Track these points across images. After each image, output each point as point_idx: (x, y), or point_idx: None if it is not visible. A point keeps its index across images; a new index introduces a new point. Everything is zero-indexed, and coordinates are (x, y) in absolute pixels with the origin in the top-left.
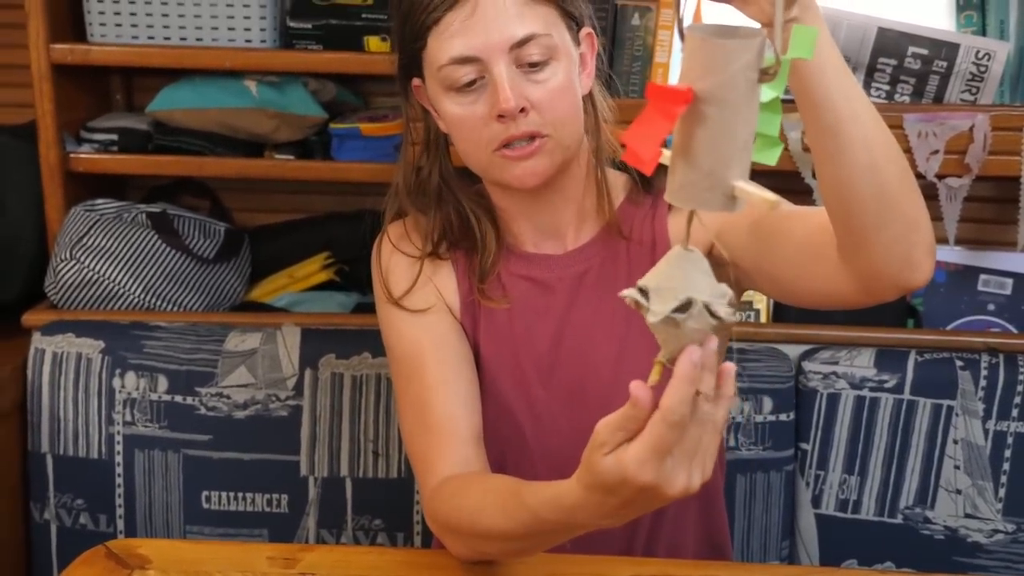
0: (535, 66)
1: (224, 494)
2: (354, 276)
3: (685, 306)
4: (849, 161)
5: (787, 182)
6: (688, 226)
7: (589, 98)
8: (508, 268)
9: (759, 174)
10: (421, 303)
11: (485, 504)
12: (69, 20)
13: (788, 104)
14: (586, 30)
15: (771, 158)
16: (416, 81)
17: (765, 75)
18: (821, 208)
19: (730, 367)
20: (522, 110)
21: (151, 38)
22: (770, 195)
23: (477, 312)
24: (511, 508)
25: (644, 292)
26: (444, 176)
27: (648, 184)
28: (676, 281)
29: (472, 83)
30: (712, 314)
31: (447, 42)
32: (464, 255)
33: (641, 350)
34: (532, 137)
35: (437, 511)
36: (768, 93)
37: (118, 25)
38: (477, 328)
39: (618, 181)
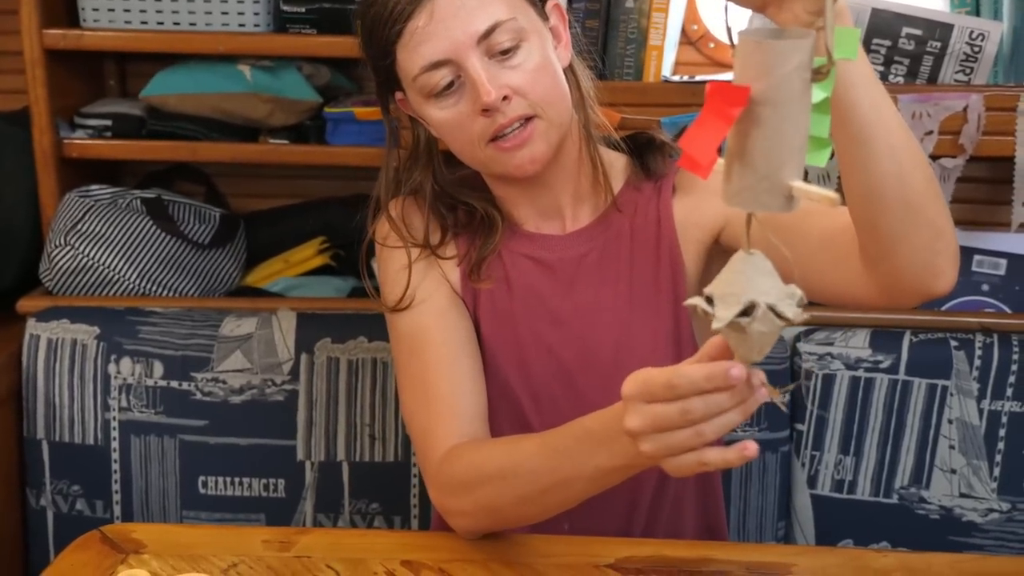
0: (507, 52)
1: (221, 479)
2: (350, 261)
3: (749, 309)
4: (876, 168)
5: None
6: (747, 229)
7: (570, 72)
8: (509, 246)
9: None
10: (422, 287)
11: (520, 441)
12: (62, 5)
13: None
14: (552, 2)
15: (821, 159)
16: (399, 95)
17: (818, 74)
18: (843, 208)
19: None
20: (505, 98)
21: (144, 23)
22: (830, 193)
23: (477, 289)
24: (549, 435)
25: (709, 300)
26: (438, 180)
27: (648, 168)
28: (739, 286)
29: (451, 85)
30: (778, 315)
31: (414, 51)
32: (466, 237)
33: (643, 333)
34: (524, 121)
35: (451, 471)
36: (818, 94)
37: (111, 10)
38: (477, 305)
39: (617, 162)
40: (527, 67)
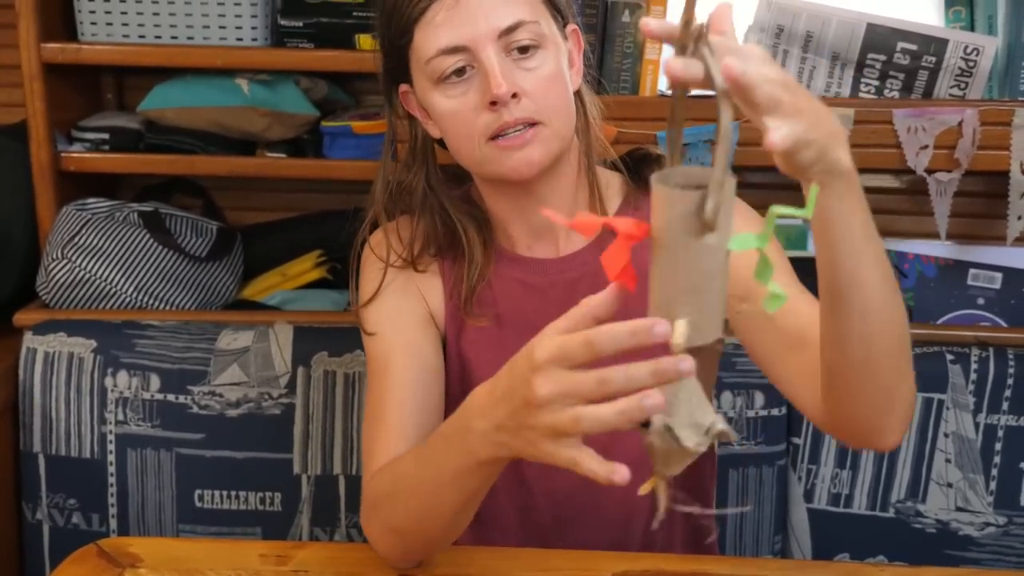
0: (524, 51)
1: (217, 493)
2: (346, 274)
3: (646, 423)
4: (843, 323)
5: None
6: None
7: (578, 97)
8: (500, 271)
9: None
10: (395, 310)
11: (408, 454)
12: (60, 19)
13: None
14: (572, 26)
15: (772, 306)
16: (404, 87)
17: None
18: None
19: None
20: (514, 96)
21: (142, 37)
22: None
23: (465, 318)
24: (422, 444)
25: None
26: (430, 182)
27: (646, 182)
28: (669, 394)
29: (461, 71)
30: (674, 438)
31: (434, 32)
32: (452, 261)
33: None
34: (527, 125)
35: (366, 494)
36: (749, 242)
37: (109, 24)
38: (463, 334)
39: (614, 181)
40: (541, 73)
